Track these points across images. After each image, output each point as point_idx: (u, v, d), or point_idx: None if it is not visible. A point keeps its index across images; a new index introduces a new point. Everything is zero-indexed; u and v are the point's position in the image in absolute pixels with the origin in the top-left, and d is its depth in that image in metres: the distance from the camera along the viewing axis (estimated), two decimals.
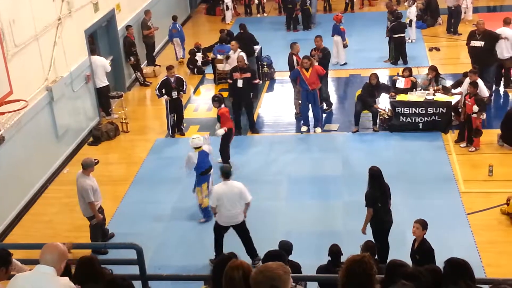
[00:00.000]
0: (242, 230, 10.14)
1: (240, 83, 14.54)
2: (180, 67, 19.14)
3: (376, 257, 8.76)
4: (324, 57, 15.59)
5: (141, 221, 11.56)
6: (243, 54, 15.74)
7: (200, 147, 11.18)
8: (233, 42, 16.72)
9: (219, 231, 10.11)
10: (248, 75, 14.60)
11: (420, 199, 11.58)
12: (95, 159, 10.63)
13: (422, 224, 8.74)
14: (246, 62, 15.19)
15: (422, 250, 8.66)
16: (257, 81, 15.12)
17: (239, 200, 9.93)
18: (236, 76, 14.55)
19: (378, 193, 9.54)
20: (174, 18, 20.08)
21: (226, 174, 10.03)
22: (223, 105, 13.07)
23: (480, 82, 13.47)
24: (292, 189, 12.40)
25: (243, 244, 10.11)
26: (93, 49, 15.69)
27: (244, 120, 15.13)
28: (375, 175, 9.58)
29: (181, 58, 19.95)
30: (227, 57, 16.96)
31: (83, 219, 10.59)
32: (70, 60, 14.27)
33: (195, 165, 11.15)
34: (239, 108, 14.81)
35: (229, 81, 14.97)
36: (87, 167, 10.26)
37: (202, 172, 11.21)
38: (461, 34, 19.81)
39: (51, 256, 5.09)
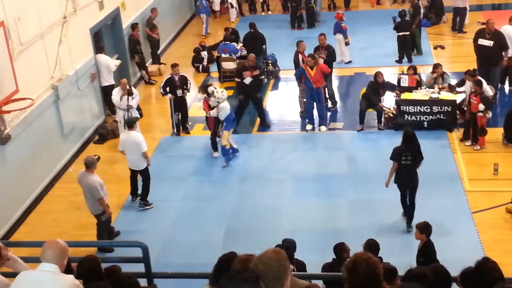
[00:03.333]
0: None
1: (248, 81, 14.67)
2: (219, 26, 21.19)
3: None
4: (329, 55, 15.60)
5: (147, 219, 11.62)
6: (252, 54, 15.72)
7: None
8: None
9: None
10: (257, 72, 14.84)
11: (425, 198, 11.54)
12: (95, 155, 10.66)
13: (420, 228, 8.83)
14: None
15: (424, 253, 8.75)
16: (263, 77, 15.31)
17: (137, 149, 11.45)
18: (247, 74, 14.69)
19: (406, 151, 10.42)
20: None
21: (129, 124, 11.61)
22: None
23: (483, 81, 13.46)
24: (296, 187, 12.42)
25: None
26: (101, 48, 15.73)
27: (248, 118, 15.16)
28: (407, 135, 10.51)
29: (203, 36, 21.76)
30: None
31: (89, 217, 10.64)
32: (76, 58, 14.31)
33: (228, 112, 13.03)
34: (246, 105, 15.04)
35: (237, 79, 15.03)
36: (90, 165, 10.31)
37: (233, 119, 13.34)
38: (465, 32, 19.79)
39: (52, 252, 5.10)
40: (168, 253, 10.52)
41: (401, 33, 18.08)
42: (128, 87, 13.94)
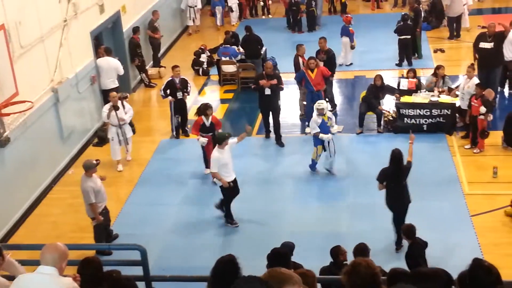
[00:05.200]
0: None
1: (268, 91, 14.05)
2: (218, 33, 21.28)
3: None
4: (328, 59, 15.61)
5: (146, 222, 11.62)
6: (270, 61, 15.56)
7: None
8: None
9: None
10: (275, 81, 14.08)
11: (424, 201, 11.55)
12: (96, 160, 10.65)
13: (403, 231, 9.05)
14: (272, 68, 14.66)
15: (409, 255, 8.88)
16: (282, 85, 14.50)
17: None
18: (263, 83, 14.04)
19: (391, 173, 10.15)
20: None
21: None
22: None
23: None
24: (296, 190, 12.44)
25: None
26: (109, 50, 15.77)
27: (247, 121, 15.11)
28: (394, 157, 10.18)
29: (220, 25, 23.01)
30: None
31: (88, 219, 10.65)
32: (76, 61, 14.33)
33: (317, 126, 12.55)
34: (267, 114, 14.43)
35: (253, 87, 14.55)
36: (88, 168, 10.32)
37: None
38: (459, 36, 19.96)
39: (51, 256, 5.11)
40: (167, 256, 10.52)
41: (402, 37, 18.10)
42: (118, 101, 13.28)
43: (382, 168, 10.31)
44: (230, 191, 11.20)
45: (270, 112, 14.35)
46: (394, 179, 10.15)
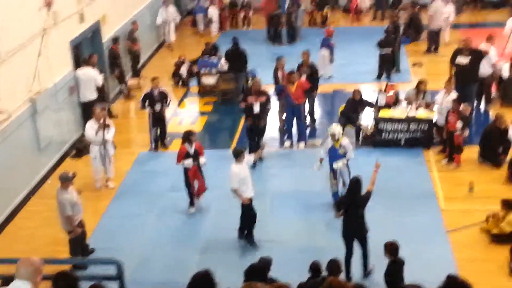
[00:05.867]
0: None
1: (257, 109, 13.76)
2: (199, 44, 20.89)
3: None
4: (312, 73, 15.67)
5: (123, 236, 11.55)
6: (259, 78, 14.99)
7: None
8: None
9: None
10: (263, 98, 13.81)
11: (401, 216, 11.67)
12: (72, 173, 10.57)
13: (385, 247, 8.99)
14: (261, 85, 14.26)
15: (387, 272, 8.91)
16: (269, 106, 14.12)
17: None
18: (251, 100, 13.76)
19: (348, 200, 9.91)
20: None
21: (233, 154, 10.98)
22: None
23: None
24: (274, 204, 12.44)
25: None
26: (86, 61, 15.67)
27: (227, 133, 15.13)
28: (350, 185, 10.01)
29: (202, 31, 23.72)
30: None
31: (64, 233, 10.55)
32: (55, 71, 14.24)
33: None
34: (255, 134, 14.02)
35: (242, 105, 14.12)
36: (64, 181, 10.24)
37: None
38: (437, 50, 20.24)
39: (26, 270, 5.09)
40: (144, 270, 10.45)
41: (384, 50, 18.24)
42: (103, 119, 12.92)
43: (341, 196, 10.19)
44: (251, 209, 11.04)
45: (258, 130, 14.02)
46: (352, 208, 9.89)
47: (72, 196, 10.28)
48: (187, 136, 12.01)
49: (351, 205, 9.89)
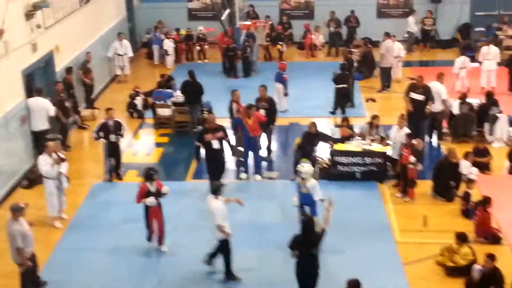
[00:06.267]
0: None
1: (216, 144, 13.54)
2: (153, 76, 21.10)
3: None
4: (270, 107, 15.76)
5: (76, 269, 11.22)
6: (212, 114, 14.96)
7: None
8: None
9: None
10: (221, 134, 13.61)
11: (356, 248, 11.70)
12: (24, 204, 10.26)
13: (349, 285, 8.90)
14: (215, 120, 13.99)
15: None
16: (228, 139, 13.94)
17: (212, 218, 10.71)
18: (208, 137, 13.52)
19: (301, 239, 9.74)
20: (155, 28, 24.65)
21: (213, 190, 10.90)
22: None
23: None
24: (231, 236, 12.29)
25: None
26: (39, 90, 15.40)
27: (182, 164, 14.98)
28: (303, 224, 9.88)
29: (157, 63, 24.01)
30: None
31: (13, 265, 10.18)
32: (6, 100, 13.94)
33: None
34: (214, 170, 13.70)
35: (197, 144, 13.76)
36: (15, 211, 9.94)
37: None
38: (389, 87, 20.70)
39: None
40: None
41: (339, 85, 18.52)
42: (55, 153, 12.50)
43: (294, 234, 9.99)
44: (229, 244, 10.85)
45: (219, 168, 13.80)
46: (304, 247, 9.70)
47: (23, 228, 9.97)
48: (149, 174, 11.49)
49: (304, 244, 9.70)
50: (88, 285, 10.68)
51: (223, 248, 10.88)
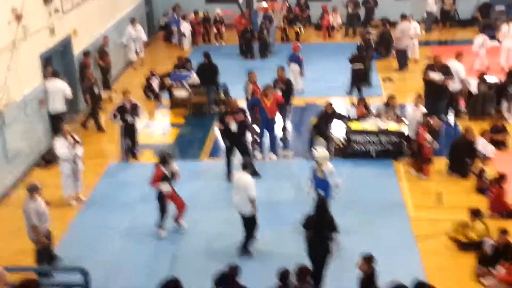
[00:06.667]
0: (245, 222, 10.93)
1: (234, 127, 13.53)
2: (170, 58, 21.06)
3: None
4: (287, 88, 15.78)
5: (91, 246, 11.39)
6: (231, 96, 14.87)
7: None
8: None
9: None
10: (241, 117, 13.59)
11: (371, 225, 11.72)
12: (40, 183, 10.43)
13: (365, 259, 8.90)
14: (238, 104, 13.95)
15: (366, 284, 8.85)
16: (248, 121, 13.94)
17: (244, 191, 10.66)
18: (230, 119, 13.49)
19: (312, 221, 9.83)
20: (174, 10, 24.81)
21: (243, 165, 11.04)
22: None
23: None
24: None
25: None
26: (56, 73, 15.58)
27: (196, 144, 15.02)
28: (317, 205, 9.91)
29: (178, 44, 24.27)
30: None
31: (30, 243, 10.37)
32: (24, 84, 14.12)
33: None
34: (231, 153, 13.73)
35: (219, 125, 13.75)
36: (32, 190, 10.13)
37: None
38: (407, 66, 20.57)
39: None
40: (111, 279, 10.32)
41: (356, 65, 18.44)
42: (71, 136, 12.59)
43: (307, 215, 10.11)
44: (256, 220, 10.99)
45: (238, 150, 13.72)
46: (317, 228, 9.79)
47: (39, 206, 10.15)
48: (165, 158, 11.49)
49: (317, 225, 9.77)
50: (103, 262, 10.81)
51: (252, 223, 10.94)
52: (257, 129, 15.16)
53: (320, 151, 11.48)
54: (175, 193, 11.69)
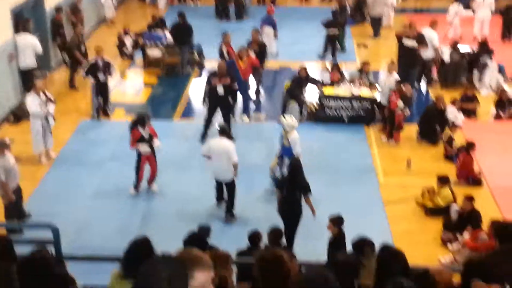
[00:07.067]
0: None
1: (221, 90, 13.42)
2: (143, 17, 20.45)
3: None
4: (260, 51, 15.71)
5: (61, 202, 11.36)
6: (222, 61, 14.39)
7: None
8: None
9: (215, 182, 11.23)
10: (227, 80, 13.47)
11: (340, 189, 11.87)
12: (9, 139, 10.29)
13: (332, 220, 9.04)
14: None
15: (335, 245, 8.96)
16: (235, 86, 13.71)
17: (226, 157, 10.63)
18: (216, 82, 13.41)
19: (286, 181, 9.94)
20: None
21: (221, 130, 10.91)
22: None
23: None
24: None
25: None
26: (26, 27, 15.25)
27: (170, 104, 14.96)
28: (290, 166, 9.98)
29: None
30: None
31: None
32: None
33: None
34: (213, 114, 13.67)
35: (206, 86, 13.75)
36: (0, 146, 9.98)
37: None
38: (379, 35, 20.60)
39: None
40: (82, 236, 10.32)
41: (330, 30, 18.40)
42: (43, 92, 12.37)
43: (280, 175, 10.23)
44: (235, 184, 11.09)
45: (220, 112, 13.68)
46: (288, 188, 9.92)
47: (7, 162, 10.02)
48: (142, 120, 11.46)
49: (290, 185, 9.90)
50: (73, 218, 10.77)
51: (233, 187, 11.02)
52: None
53: (288, 118, 11.49)
54: (152, 156, 11.63)
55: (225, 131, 11.09)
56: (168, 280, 3.02)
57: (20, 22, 15.44)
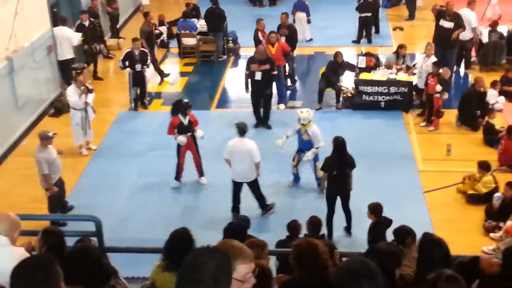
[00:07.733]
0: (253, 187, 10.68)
1: (258, 76, 13.38)
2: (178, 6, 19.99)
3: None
4: (290, 34, 15.62)
5: (102, 194, 11.52)
6: (262, 46, 14.22)
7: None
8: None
9: (234, 185, 10.76)
10: (267, 66, 13.35)
11: (379, 176, 11.76)
12: (53, 133, 10.46)
13: (370, 209, 9.04)
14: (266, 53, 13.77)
15: (373, 232, 8.97)
16: (275, 72, 13.67)
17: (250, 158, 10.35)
18: (255, 68, 13.35)
19: (335, 161, 9.96)
20: None
21: (241, 131, 10.47)
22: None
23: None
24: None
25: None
26: (63, 19, 15.44)
27: (207, 94, 14.99)
28: (336, 145, 10.03)
29: None
30: None
31: (43, 191, 10.50)
32: (32, 30, 14.01)
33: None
34: (256, 101, 13.72)
35: (246, 72, 13.71)
36: (43, 139, 10.19)
37: None
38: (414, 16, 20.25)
39: (3, 226, 5.05)
40: (123, 228, 10.46)
41: (363, 14, 18.19)
42: (84, 84, 12.61)
43: (325, 157, 10.18)
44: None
45: (261, 99, 13.69)
46: (338, 167, 10.00)
47: (50, 155, 10.21)
48: (184, 107, 11.32)
49: (338, 165, 9.95)
50: (114, 210, 10.95)
51: (256, 185, 10.81)
52: None
53: (304, 111, 11.24)
54: (194, 145, 11.56)
55: (245, 131, 10.59)
56: (213, 273, 3.01)
57: (57, 15, 15.62)
